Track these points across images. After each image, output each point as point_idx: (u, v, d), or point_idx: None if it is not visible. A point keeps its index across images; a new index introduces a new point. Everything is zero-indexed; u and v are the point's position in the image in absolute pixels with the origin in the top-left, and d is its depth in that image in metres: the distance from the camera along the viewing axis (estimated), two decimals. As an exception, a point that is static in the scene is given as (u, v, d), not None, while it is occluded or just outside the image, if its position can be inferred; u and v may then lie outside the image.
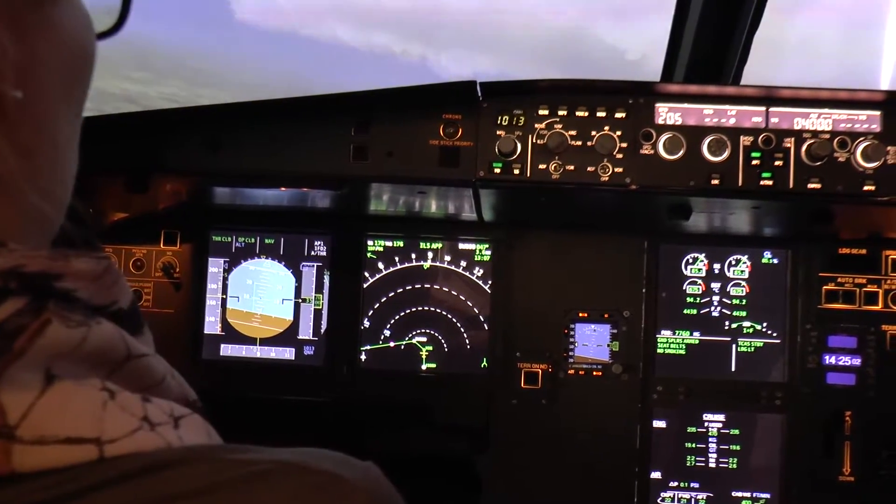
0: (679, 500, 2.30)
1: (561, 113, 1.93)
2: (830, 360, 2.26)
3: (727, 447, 2.29)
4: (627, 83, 1.94)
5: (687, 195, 1.96)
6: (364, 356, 2.36)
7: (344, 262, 2.36)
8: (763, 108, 1.91)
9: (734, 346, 2.30)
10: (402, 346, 2.35)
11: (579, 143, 1.92)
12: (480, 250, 2.35)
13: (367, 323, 2.36)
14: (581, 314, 2.32)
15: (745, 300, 2.30)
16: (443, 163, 1.95)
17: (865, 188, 1.88)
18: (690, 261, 2.32)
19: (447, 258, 2.36)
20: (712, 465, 2.29)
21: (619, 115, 1.92)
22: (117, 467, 0.53)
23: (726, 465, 2.29)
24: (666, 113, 1.93)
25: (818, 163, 1.88)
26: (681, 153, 1.91)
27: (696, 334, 2.31)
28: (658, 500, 2.31)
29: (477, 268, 2.35)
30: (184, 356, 2.34)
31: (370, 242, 2.36)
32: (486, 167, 1.94)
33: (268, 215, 2.35)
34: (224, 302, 2.37)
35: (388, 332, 2.36)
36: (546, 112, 1.93)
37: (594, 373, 2.31)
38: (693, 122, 1.92)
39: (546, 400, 2.31)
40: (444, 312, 2.35)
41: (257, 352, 2.37)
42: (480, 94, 1.93)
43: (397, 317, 2.36)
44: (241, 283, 2.37)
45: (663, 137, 1.91)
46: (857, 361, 2.25)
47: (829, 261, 2.28)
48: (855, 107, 1.90)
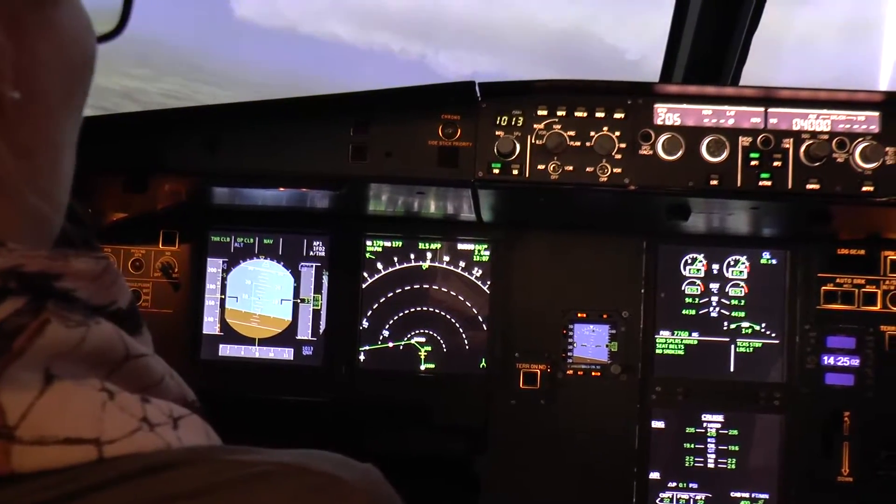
0: (678, 501, 2.30)
1: (560, 113, 1.93)
2: (829, 360, 2.26)
3: (726, 447, 2.29)
4: (626, 84, 1.94)
5: (686, 196, 1.96)
6: (363, 356, 2.35)
7: (343, 262, 2.36)
8: (762, 109, 1.91)
9: (733, 346, 2.30)
10: (401, 347, 2.35)
11: (578, 144, 1.92)
12: (479, 251, 2.35)
13: (365, 323, 2.36)
14: (580, 314, 2.32)
15: (743, 301, 2.30)
16: (442, 163, 1.95)
17: (864, 189, 1.88)
18: (689, 261, 2.32)
19: (446, 258, 2.35)
20: (711, 465, 2.29)
21: (617, 116, 1.92)
22: (117, 468, 0.53)
23: (725, 466, 2.29)
24: (665, 113, 1.93)
25: (817, 163, 1.88)
26: (679, 154, 1.91)
27: (695, 335, 2.31)
28: (657, 501, 2.31)
29: (476, 268, 2.35)
30: (182, 356, 2.33)
31: (369, 243, 2.36)
32: (484, 167, 1.94)
33: (267, 215, 2.35)
34: (223, 302, 2.37)
35: (386, 333, 2.36)
36: (545, 112, 1.93)
37: (593, 373, 2.31)
38: (692, 122, 1.92)
39: (545, 400, 2.31)
40: (443, 313, 2.35)
41: (256, 352, 2.37)
42: (479, 94, 1.92)
43: (396, 317, 2.36)
44: (240, 284, 2.37)
45: (662, 138, 1.91)
46: (856, 362, 2.25)
47: (827, 261, 2.28)
48: (853, 107, 1.90)
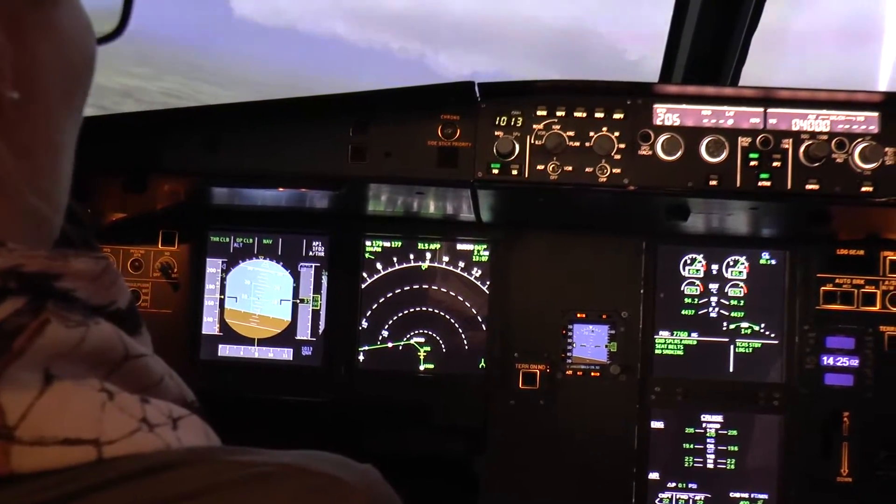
0: (677, 501, 2.30)
1: (559, 114, 1.93)
2: (828, 360, 2.26)
3: (725, 448, 2.29)
4: (625, 84, 1.94)
5: (685, 196, 1.96)
6: (362, 357, 2.35)
7: (342, 262, 2.36)
8: (761, 109, 1.91)
9: (732, 346, 2.30)
10: (400, 347, 2.35)
11: (577, 144, 1.92)
12: (478, 251, 2.35)
13: (365, 323, 2.36)
14: (579, 315, 2.32)
15: (743, 301, 2.30)
16: (441, 163, 1.95)
17: (863, 189, 1.88)
18: (688, 261, 2.32)
19: (445, 259, 2.35)
20: (710, 465, 2.29)
21: (617, 116, 1.92)
22: (116, 468, 0.53)
23: (724, 466, 2.29)
24: (664, 114, 1.93)
25: (816, 164, 1.88)
26: (679, 154, 1.91)
27: (694, 335, 2.31)
28: (656, 501, 2.31)
29: (475, 268, 2.34)
30: (182, 356, 2.33)
31: (368, 243, 2.36)
32: (484, 168, 1.94)
33: (266, 216, 2.35)
34: (222, 302, 2.37)
35: (386, 333, 2.36)
36: (544, 113, 1.93)
37: (592, 373, 2.31)
38: (691, 123, 1.92)
39: (544, 400, 2.31)
40: (442, 313, 2.35)
41: (255, 352, 2.37)
42: (479, 94, 1.92)
43: (395, 317, 2.36)
44: (240, 284, 2.37)
45: (661, 138, 1.91)
46: (855, 362, 2.25)
47: (827, 262, 2.28)
48: (853, 108, 1.90)
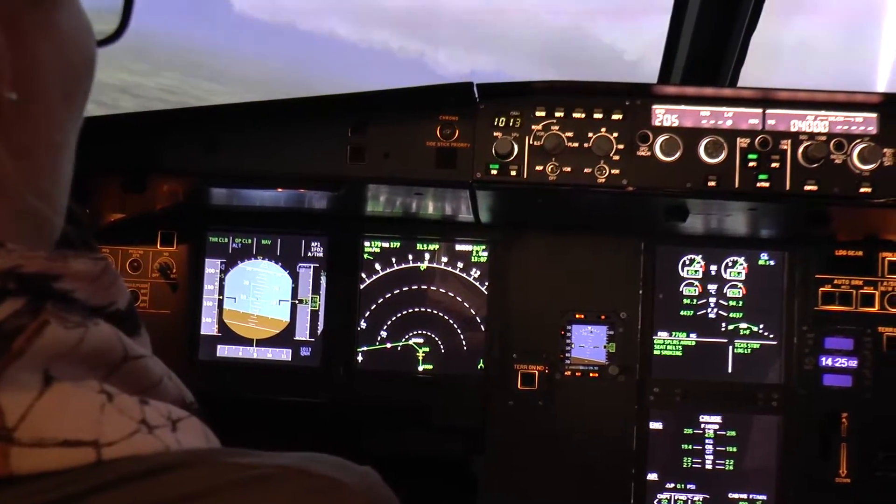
0: (675, 502, 2.30)
1: (558, 114, 1.93)
2: (827, 361, 2.26)
3: (724, 448, 2.29)
4: (624, 85, 1.94)
5: (684, 197, 1.96)
6: (361, 357, 2.35)
7: (341, 263, 2.36)
8: (760, 110, 1.91)
9: (731, 347, 2.30)
10: (399, 348, 2.35)
11: (576, 145, 1.92)
12: (477, 251, 2.35)
13: (363, 324, 2.35)
14: (578, 315, 2.32)
15: (741, 302, 2.31)
16: (440, 164, 1.95)
17: (862, 190, 1.88)
18: (687, 262, 2.32)
19: (444, 259, 2.35)
20: (709, 466, 2.29)
21: (615, 117, 1.92)
22: (115, 470, 0.53)
23: (723, 467, 2.29)
24: (663, 115, 1.93)
25: (815, 165, 1.88)
26: (677, 155, 1.91)
27: (693, 336, 2.31)
28: (654, 502, 2.31)
29: (474, 269, 2.34)
30: (180, 357, 2.33)
31: (367, 243, 2.36)
32: (482, 168, 1.94)
33: (265, 216, 2.35)
34: (221, 303, 2.37)
35: (384, 334, 2.35)
36: (543, 113, 1.93)
37: (591, 374, 2.31)
38: (690, 123, 1.92)
39: (543, 401, 2.31)
40: (441, 314, 2.35)
41: (254, 353, 2.36)
42: (477, 95, 1.92)
43: (394, 318, 2.35)
44: (238, 284, 2.37)
45: (660, 139, 1.91)
46: (854, 363, 2.25)
47: (825, 263, 2.28)
48: (851, 109, 1.90)
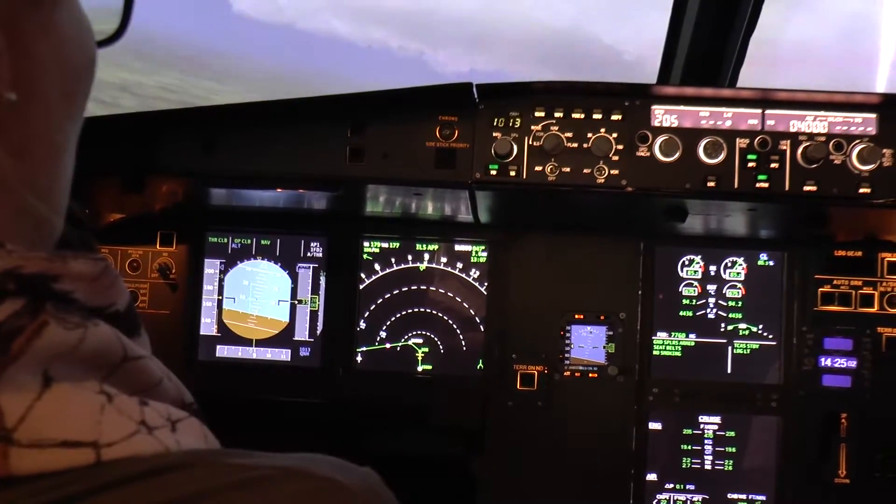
0: (675, 502, 2.30)
1: (557, 115, 1.93)
2: (826, 362, 2.26)
3: (723, 449, 2.29)
4: (623, 85, 1.94)
5: (683, 197, 1.96)
6: (360, 357, 2.35)
7: (340, 263, 2.36)
8: (759, 111, 1.91)
9: (730, 348, 2.30)
10: (398, 348, 2.35)
11: (575, 145, 1.92)
12: (476, 252, 2.35)
13: (363, 324, 2.35)
14: (577, 316, 2.32)
15: (740, 302, 2.31)
16: (439, 164, 1.95)
17: (861, 191, 1.88)
18: (686, 263, 2.32)
19: (443, 260, 2.35)
20: (708, 466, 2.29)
21: (615, 118, 1.92)
22: (114, 471, 0.53)
23: (722, 467, 2.29)
24: (662, 115, 1.93)
25: (814, 165, 1.89)
26: (677, 155, 1.91)
27: (692, 336, 2.31)
28: (654, 502, 2.31)
29: (473, 269, 2.34)
30: (180, 357, 2.33)
31: (366, 244, 2.36)
32: (482, 169, 1.94)
33: (264, 216, 2.35)
34: (220, 303, 2.37)
35: (384, 334, 2.35)
36: (542, 114, 1.93)
37: (590, 374, 2.31)
38: (689, 124, 1.92)
39: (542, 402, 2.31)
40: (441, 314, 2.35)
41: (253, 353, 2.36)
42: (476, 95, 1.92)
43: (393, 318, 2.35)
44: (238, 285, 2.37)
45: (659, 139, 1.91)
46: (853, 364, 2.25)
47: (824, 263, 2.28)
48: (850, 109, 1.90)
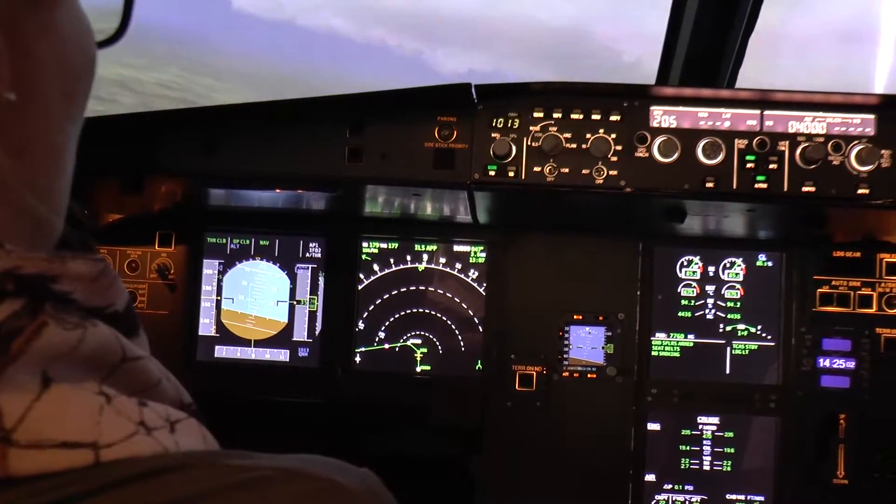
0: (673, 503, 2.30)
1: (556, 115, 1.93)
2: (825, 362, 2.26)
3: (721, 450, 2.29)
4: (622, 86, 1.94)
5: (681, 198, 1.96)
6: (359, 358, 2.35)
7: (339, 263, 2.35)
8: (758, 112, 1.91)
9: (728, 348, 2.30)
10: (397, 348, 2.35)
11: (574, 146, 1.93)
12: (475, 252, 2.35)
13: (361, 325, 2.35)
14: (576, 316, 2.32)
15: (739, 303, 2.31)
16: (437, 165, 1.95)
17: (859, 191, 1.88)
18: (685, 263, 2.32)
19: (442, 260, 2.35)
20: (707, 467, 2.30)
21: (613, 118, 1.93)
22: (113, 472, 0.53)
23: (721, 468, 2.29)
24: (661, 116, 1.93)
25: (812, 166, 1.89)
26: (675, 156, 1.91)
27: (691, 337, 2.31)
28: (652, 503, 2.31)
29: (472, 270, 2.34)
30: (178, 358, 2.33)
31: (365, 244, 2.36)
32: (480, 169, 1.94)
33: (263, 217, 2.35)
34: (219, 303, 2.37)
35: (382, 334, 2.35)
36: (541, 115, 1.93)
37: (589, 375, 2.31)
38: (688, 125, 1.92)
39: (540, 402, 2.31)
40: (439, 314, 2.35)
41: (252, 353, 2.36)
42: (475, 96, 1.92)
43: (392, 319, 2.35)
44: (236, 285, 2.37)
45: (658, 140, 1.91)
46: (852, 364, 2.25)
47: (823, 264, 2.28)
48: (849, 110, 1.90)
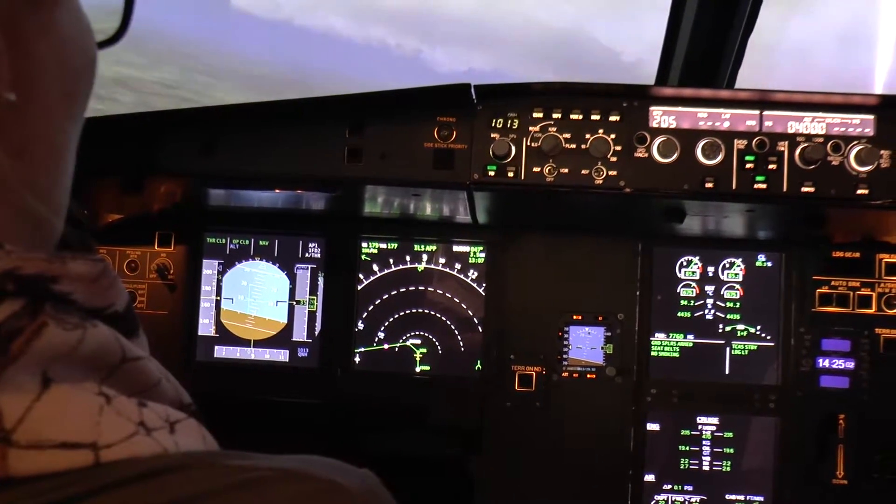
0: (673, 503, 2.30)
1: (555, 116, 1.93)
2: (824, 363, 2.26)
3: (721, 450, 2.29)
4: (621, 86, 1.95)
5: (681, 198, 1.96)
6: (358, 358, 2.35)
7: (338, 263, 2.36)
8: (757, 112, 1.91)
9: (728, 348, 2.30)
10: (397, 349, 2.35)
11: (573, 146, 1.93)
12: (475, 252, 2.35)
13: (361, 325, 2.35)
14: (575, 316, 2.32)
15: (738, 303, 2.31)
16: (437, 165, 1.95)
17: (859, 192, 1.88)
18: (684, 263, 2.32)
19: (441, 260, 2.35)
20: (706, 467, 2.30)
21: (613, 119, 1.93)
22: (113, 473, 0.53)
23: (720, 468, 2.29)
24: (660, 116, 1.93)
25: (812, 166, 1.89)
26: (675, 156, 1.91)
27: (690, 337, 2.31)
28: (651, 503, 2.31)
29: (471, 270, 2.35)
30: (178, 358, 2.33)
31: (364, 244, 2.36)
32: (480, 170, 1.94)
33: (262, 217, 2.35)
34: (218, 304, 2.37)
35: (382, 335, 2.35)
36: (540, 115, 1.93)
37: (588, 375, 2.31)
38: (687, 125, 1.93)
39: (540, 402, 2.31)
40: (439, 315, 2.35)
41: (251, 353, 2.36)
42: (475, 96, 1.92)
43: (391, 319, 2.35)
44: (236, 285, 2.37)
45: (657, 141, 1.91)
46: (851, 365, 2.25)
47: (822, 264, 2.28)
48: (848, 111, 1.90)
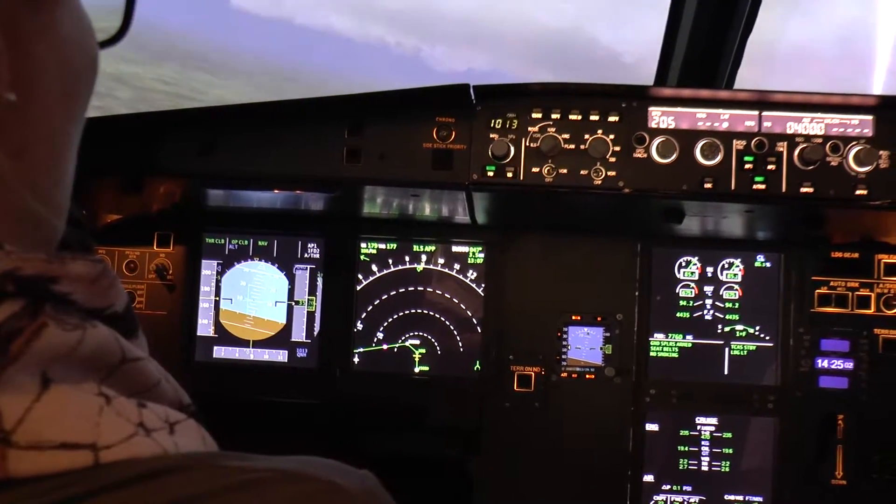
0: (672, 503, 2.30)
1: (554, 116, 1.93)
2: (823, 363, 2.26)
3: (720, 450, 2.29)
4: (620, 87, 1.95)
5: (680, 199, 1.96)
6: (357, 359, 2.35)
7: (337, 264, 2.36)
8: (756, 113, 1.92)
9: (727, 349, 2.30)
10: (396, 349, 2.35)
11: (572, 147, 1.93)
12: (474, 253, 2.35)
13: (360, 325, 2.35)
14: (574, 317, 2.32)
15: (737, 303, 2.31)
16: (436, 166, 1.95)
17: (858, 192, 1.89)
18: (683, 264, 2.32)
19: (440, 261, 2.35)
20: (705, 468, 2.30)
21: (612, 119, 1.93)
22: (113, 473, 0.53)
23: (719, 469, 2.29)
24: (659, 117, 1.93)
25: (811, 167, 1.89)
26: (674, 157, 1.91)
27: (689, 337, 2.31)
28: (650, 503, 2.31)
29: (470, 270, 2.35)
30: (177, 358, 2.33)
31: (363, 245, 2.36)
32: (479, 170, 1.94)
33: (261, 217, 2.35)
34: (217, 304, 2.37)
35: (381, 335, 2.35)
36: (539, 115, 1.94)
37: (587, 376, 2.31)
38: (686, 125, 1.93)
39: (539, 403, 2.31)
40: (438, 315, 2.35)
41: (250, 354, 2.36)
42: (474, 97, 1.92)
43: (390, 319, 2.35)
44: (235, 286, 2.37)
45: (656, 141, 1.91)
46: (850, 365, 2.26)
47: (821, 265, 2.28)
48: (847, 111, 1.91)
